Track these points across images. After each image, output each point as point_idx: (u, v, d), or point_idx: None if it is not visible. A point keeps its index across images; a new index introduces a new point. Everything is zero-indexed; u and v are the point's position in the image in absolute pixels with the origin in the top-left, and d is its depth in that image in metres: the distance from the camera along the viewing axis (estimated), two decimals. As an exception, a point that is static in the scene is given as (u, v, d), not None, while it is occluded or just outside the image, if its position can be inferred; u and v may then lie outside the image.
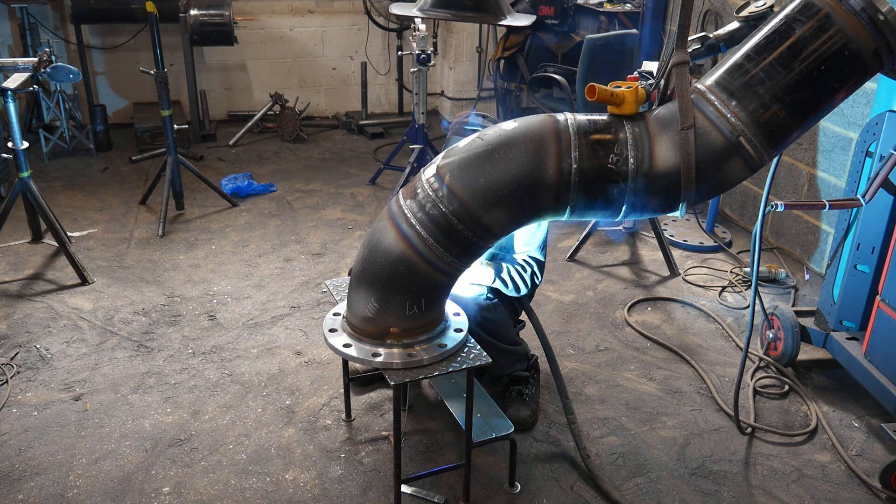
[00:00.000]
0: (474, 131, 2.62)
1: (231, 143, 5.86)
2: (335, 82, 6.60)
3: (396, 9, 4.51)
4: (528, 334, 2.92)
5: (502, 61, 5.84)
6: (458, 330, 2.28)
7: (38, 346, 3.17)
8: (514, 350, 2.76)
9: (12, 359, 3.08)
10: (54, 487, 2.42)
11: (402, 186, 2.18)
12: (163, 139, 4.59)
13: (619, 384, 3.06)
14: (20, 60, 3.55)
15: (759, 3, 3.23)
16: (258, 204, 4.77)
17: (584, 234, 4.15)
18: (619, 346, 3.33)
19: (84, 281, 3.70)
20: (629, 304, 3.67)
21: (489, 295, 2.66)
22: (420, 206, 2.02)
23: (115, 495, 2.40)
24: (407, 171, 4.84)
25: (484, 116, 2.63)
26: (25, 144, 3.65)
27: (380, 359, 2.15)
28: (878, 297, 2.77)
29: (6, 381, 2.93)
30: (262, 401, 2.87)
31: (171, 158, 4.42)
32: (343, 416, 2.79)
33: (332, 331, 2.29)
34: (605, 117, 2.02)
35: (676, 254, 4.20)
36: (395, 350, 2.17)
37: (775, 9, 2.39)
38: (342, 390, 2.82)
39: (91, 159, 5.41)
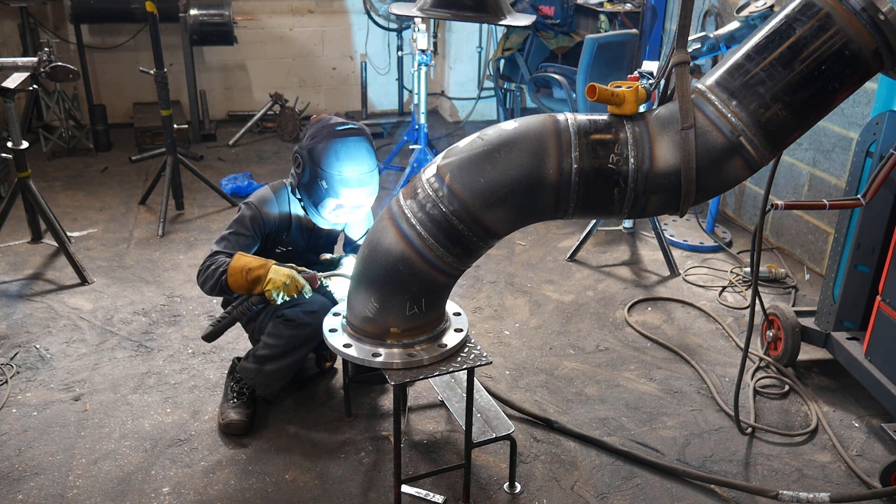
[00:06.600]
0: (357, 129, 2.62)
1: (231, 142, 5.86)
2: (335, 82, 6.60)
3: (396, 8, 4.51)
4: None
5: (502, 61, 5.85)
6: (459, 330, 2.28)
7: (37, 347, 3.17)
8: None
9: (12, 359, 3.07)
10: (54, 487, 2.42)
11: (402, 186, 2.18)
12: (163, 139, 4.58)
13: (619, 384, 3.06)
14: (20, 60, 3.55)
15: (760, 3, 3.23)
16: (258, 204, 4.76)
17: (584, 234, 4.15)
18: (619, 346, 3.33)
19: (84, 281, 3.70)
20: (629, 304, 3.67)
21: None
22: (420, 206, 2.02)
23: (115, 495, 2.40)
24: (407, 170, 4.84)
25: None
26: (25, 144, 3.65)
27: (380, 359, 2.15)
28: (878, 297, 2.77)
29: (6, 381, 2.92)
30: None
31: (171, 158, 4.42)
32: (343, 415, 2.79)
33: (332, 331, 2.29)
34: (605, 117, 2.01)
35: (676, 254, 4.20)
36: (396, 350, 2.17)
37: (775, 8, 2.39)
38: (342, 390, 2.82)
39: (91, 159, 5.41)
